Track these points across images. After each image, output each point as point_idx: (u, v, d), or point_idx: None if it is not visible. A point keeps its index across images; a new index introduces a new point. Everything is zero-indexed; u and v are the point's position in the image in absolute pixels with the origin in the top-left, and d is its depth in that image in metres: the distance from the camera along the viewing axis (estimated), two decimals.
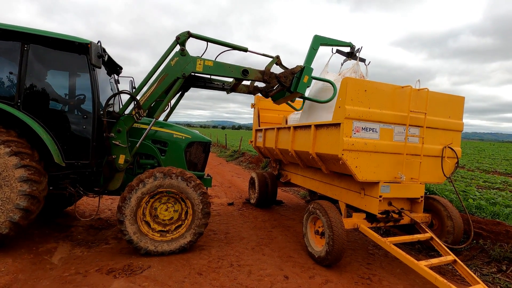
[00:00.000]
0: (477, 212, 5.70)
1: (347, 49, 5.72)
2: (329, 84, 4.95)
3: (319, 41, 5.32)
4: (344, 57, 5.80)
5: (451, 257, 3.62)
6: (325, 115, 4.77)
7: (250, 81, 5.06)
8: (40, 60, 3.92)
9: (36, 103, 3.87)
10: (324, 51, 5.88)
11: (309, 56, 5.25)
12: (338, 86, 4.70)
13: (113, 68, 5.18)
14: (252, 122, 7.86)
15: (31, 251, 3.89)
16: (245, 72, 4.56)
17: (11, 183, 3.50)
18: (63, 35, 3.86)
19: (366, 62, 5.57)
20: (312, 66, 5.06)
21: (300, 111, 6.36)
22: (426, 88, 4.12)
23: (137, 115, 4.14)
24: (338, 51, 5.66)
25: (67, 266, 3.62)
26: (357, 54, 5.58)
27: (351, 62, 5.69)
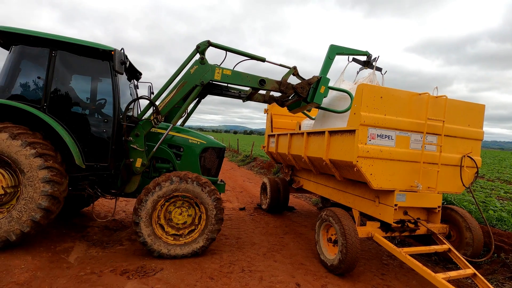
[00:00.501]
0: (498, 224, 5.47)
1: (363, 58, 5.68)
2: (344, 93, 4.93)
3: (335, 51, 5.29)
4: (360, 66, 5.76)
5: (470, 270, 3.48)
6: (339, 123, 4.74)
7: (266, 91, 5.10)
8: (66, 65, 4.11)
9: (61, 106, 4.05)
10: (339, 58, 5.85)
11: (325, 65, 5.22)
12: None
13: (133, 73, 5.35)
14: (264, 127, 7.89)
15: (49, 250, 4.01)
16: (262, 82, 4.60)
17: (35, 183, 3.65)
18: (89, 42, 4.04)
19: (383, 72, 5.51)
20: (328, 75, 5.05)
21: (314, 116, 6.34)
22: (444, 96, 4.03)
23: (155, 120, 4.25)
24: (354, 60, 5.64)
25: (83, 266, 3.71)
26: (373, 63, 5.53)
27: (367, 71, 5.65)
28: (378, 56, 5.52)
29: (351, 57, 5.59)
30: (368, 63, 5.64)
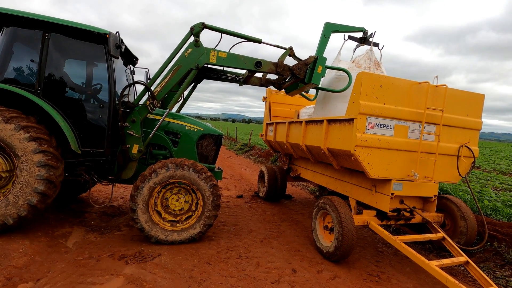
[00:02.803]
0: (493, 214, 5.55)
1: (359, 35, 5.51)
2: (343, 73, 4.83)
3: (330, 29, 5.14)
4: (357, 43, 5.59)
5: (463, 258, 3.54)
6: (340, 106, 4.66)
7: (262, 74, 5.01)
8: (60, 49, 4.01)
9: (55, 91, 3.97)
10: (335, 39, 5.68)
11: (321, 44, 5.09)
12: (352, 74, 4.60)
13: (129, 59, 5.24)
14: (262, 116, 7.85)
15: (48, 235, 4.03)
16: (258, 64, 4.52)
17: (30, 167, 3.62)
18: (83, 25, 3.92)
19: (380, 47, 5.32)
20: (324, 54, 4.94)
21: (313, 105, 6.28)
22: (444, 85, 4.00)
23: (151, 105, 4.20)
24: (350, 37, 5.44)
25: (81, 251, 3.74)
26: (370, 39, 5.35)
27: (364, 47, 5.51)
28: (375, 32, 5.33)
29: (347, 35, 5.40)
30: (364, 40, 5.45)
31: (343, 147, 3.90)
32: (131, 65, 5.43)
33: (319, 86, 4.90)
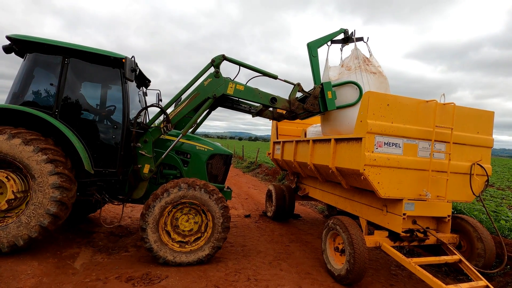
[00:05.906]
0: (511, 234, 5.33)
1: (341, 37, 5.43)
2: (343, 79, 4.80)
3: (315, 47, 5.08)
4: (341, 44, 5.50)
5: (482, 282, 3.38)
6: (350, 114, 4.59)
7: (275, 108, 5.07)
8: (78, 72, 4.21)
9: (72, 113, 4.13)
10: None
11: (314, 66, 5.01)
12: (344, 79, 4.68)
13: (142, 81, 5.44)
14: (269, 134, 7.89)
15: (56, 255, 4.03)
16: (273, 100, 4.64)
17: (44, 189, 3.69)
18: (100, 50, 4.13)
19: (365, 39, 5.23)
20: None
21: (319, 125, 6.29)
22: (452, 103, 4.00)
23: (165, 128, 4.30)
24: (333, 42, 5.40)
25: (88, 272, 3.71)
26: (352, 37, 5.30)
27: (349, 47, 5.37)
28: (355, 30, 5.30)
29: (329, 42, 5.36)
30: (347, 39, 5.40)
31: (352, 166, 3.88)
32: (143, 87, 5.61)
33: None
